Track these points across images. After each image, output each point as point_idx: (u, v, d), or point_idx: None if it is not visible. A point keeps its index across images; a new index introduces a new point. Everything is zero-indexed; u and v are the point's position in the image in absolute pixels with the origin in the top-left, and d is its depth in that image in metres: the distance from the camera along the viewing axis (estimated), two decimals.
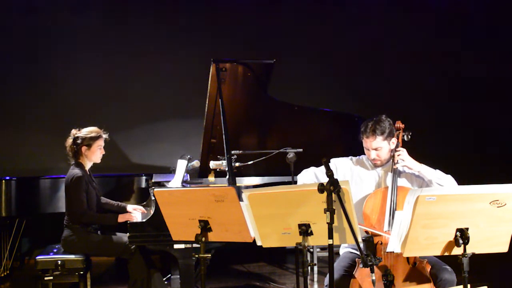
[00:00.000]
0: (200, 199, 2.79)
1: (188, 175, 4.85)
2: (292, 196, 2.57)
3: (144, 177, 5.43)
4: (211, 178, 4.86)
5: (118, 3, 6.58)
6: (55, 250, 4.21)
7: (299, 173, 3.53)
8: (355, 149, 3.75)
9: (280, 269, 5.84)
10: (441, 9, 7.32)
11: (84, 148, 4.22)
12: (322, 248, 5.76)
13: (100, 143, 4.27)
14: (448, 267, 3.09)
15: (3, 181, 5.09)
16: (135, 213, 4.34)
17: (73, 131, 4.27)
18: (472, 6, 7.32)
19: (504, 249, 2.60)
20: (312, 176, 3.40)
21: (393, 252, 2.78)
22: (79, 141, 4.22)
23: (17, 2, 6.35)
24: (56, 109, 6.32)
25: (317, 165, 3.39)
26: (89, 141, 4.22)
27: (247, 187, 4.59)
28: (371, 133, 3.28)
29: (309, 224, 2.56)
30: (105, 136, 4.33)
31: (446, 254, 2.59)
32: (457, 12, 7.31)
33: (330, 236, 2.46)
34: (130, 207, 4.48)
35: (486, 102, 7.30)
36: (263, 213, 2.63)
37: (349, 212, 2.47)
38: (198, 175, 4.97)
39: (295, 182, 3.94)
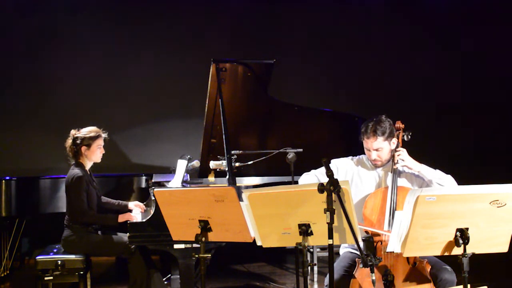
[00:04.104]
0: (200, 199, 2.79)
1: (188, 175, 4.85)
2: (292, 196, 2.57)
3: (144, 177, 5.43)
4: (211, 178, 4.86)
5: (118, 3, 6.59)
6: (55, 250, 4.21)
7: (299, 173, 3.52)
8: (355, 149, 3.75)
9: (280, 269, 5.84)
10: (441, 9, 7.32)
11: (83, 148, 4.22)
12: (322, 248, 5.77)
13: (100, 142, 4.27)
14: (448, 267, 3.09)
15: (3, 181, 5.08)
16: (135, 213, 4.35)
17: (72, 132, 4.27)
18: (472, 6, 7.32)
19: (504, 249, 2.59)
20: (313, 178, 3.39)
21: (393, 252, 2.78)
22: (78, 141, 4.22)
23: (17, 2, 6.35)
24: (56, 109, 6.32)
25: (317, 165, 3.38)
26: (88, 141, 4.22)
27: (247, 187, 4.59)
28: (372, 134, 3.28)
29: (309, 224, 2.56)
30: (104, 135, 4.32)
31: (446, 254, 2.58)
32: (457, 12, 7.32)
33: (330, 236, 2.46)
34: (131, 204, 4.53)
35: (486, 102, 7.30)
36: (263, 213, 2.63)
37: (349, 212, 2.47)
38: (198, 175, 4.97)
39: (295, 182, 3.94)
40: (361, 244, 2.54)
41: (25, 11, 6.32)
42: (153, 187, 4.37)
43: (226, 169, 4.15)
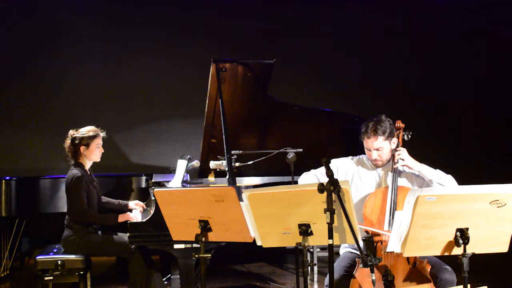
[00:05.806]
0: (200, 199, 2.79)
1: (188, 175, 4.85)
2: (292, 196, 2.57)
3: (144, 177, 5.43)
4: (211, 178, 4.86)
5: (118, 3, 6.58)
6: (55, 250, 4.21)
7: (299, 173, 3.52)
8: (355, 149, 3.74)
9: (280, 269, 5.84)
10: (441, 9, 7.32)
11: (82, 148, 4.22)
12: (322, 248, 5.76)
13: (98, 141, 4.27)
14: (448, 267, 3.09)
15: (3, 181, 5.09)
16: (136, 213, 4.35)
17: (71, 132, 4.27)
18: (471, 7, 7.32)
19: (504, 249, 2.60)
20: (313, 178, 3.39)
21: (393, 252, 2.78)
22: (77, 141, 4.21)
23: (17, 2, 6.35)
24: (56, 109, 6.32)
25: (317, 165, 3.39)
26: (87, 141, 4.22)
27: (247, 187, 4.59)
28: (373, 134, 3.28)
29: (309, 224, 2.56)
30: (102, 134, 4.32)
31: (446, 254, 2.59)
32: (457, 12, 7.32)
33: (330, 236, 2.46)
34: (131, 203, 4.54)
35: (486, 102, 7.30)
36: (263, 213, 2.63)
37: (349, 212, 2.47)
38: (198, 175, 4.97)
39: (295, 182, 3.94)
40: (361, 244, 2.54)
41: (25, 11, 6.32)
42: (153, 187, 4.37)
43: (226, 169, 4.15)
